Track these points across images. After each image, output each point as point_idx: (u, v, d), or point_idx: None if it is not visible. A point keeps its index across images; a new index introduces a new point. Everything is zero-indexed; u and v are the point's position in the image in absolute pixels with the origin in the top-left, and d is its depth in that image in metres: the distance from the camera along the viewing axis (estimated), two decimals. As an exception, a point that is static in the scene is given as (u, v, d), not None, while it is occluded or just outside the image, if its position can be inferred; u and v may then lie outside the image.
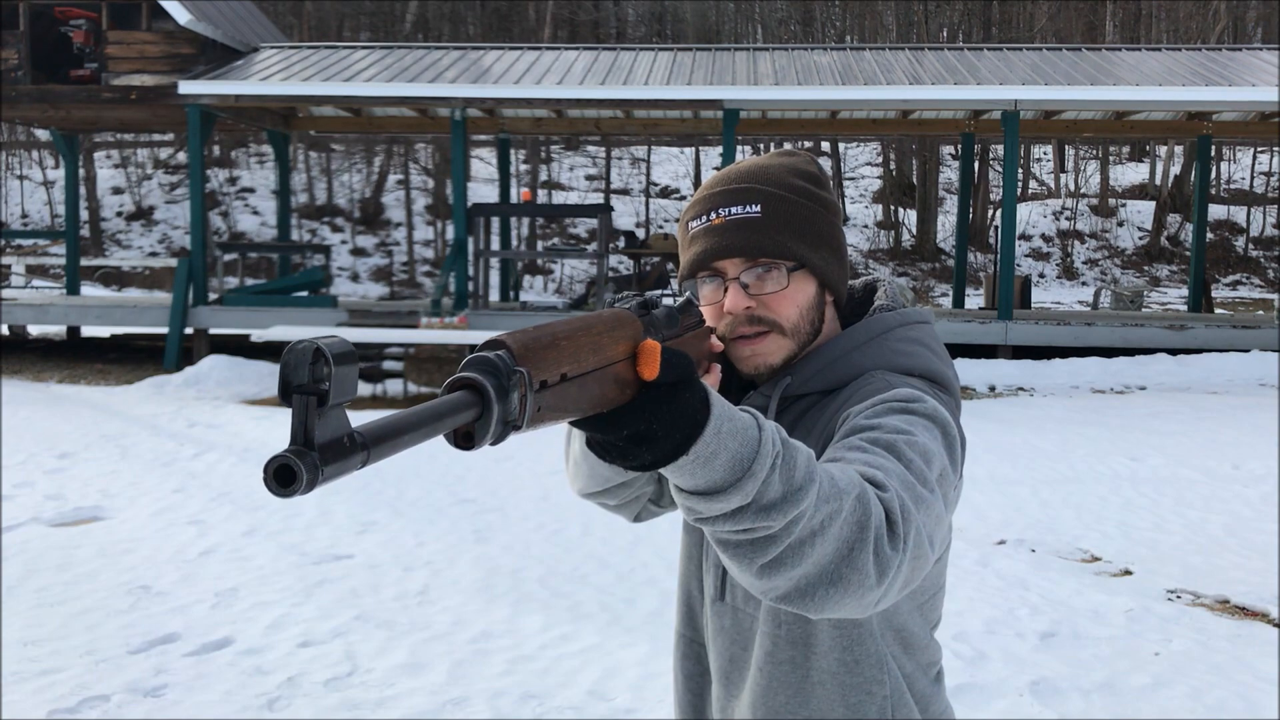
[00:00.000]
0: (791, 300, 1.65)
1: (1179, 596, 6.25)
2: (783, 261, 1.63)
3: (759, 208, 1.64)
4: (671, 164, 40.95)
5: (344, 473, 0.87)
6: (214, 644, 5.36)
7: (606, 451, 1.12)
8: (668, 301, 1.49)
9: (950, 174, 37.48)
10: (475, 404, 0.95)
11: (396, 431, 0.90)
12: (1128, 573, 6.70)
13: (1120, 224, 37.05)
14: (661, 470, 1.13)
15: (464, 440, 0.97)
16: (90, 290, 26.86)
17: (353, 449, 0.87)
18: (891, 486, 1.30)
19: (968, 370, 15.15)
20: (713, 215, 1.66)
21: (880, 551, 1.23)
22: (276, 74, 17.90)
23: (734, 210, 1.64)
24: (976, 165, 30.18)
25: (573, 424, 1.10)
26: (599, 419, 1.09)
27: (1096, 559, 6.98)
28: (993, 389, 14.82)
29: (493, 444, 0.98)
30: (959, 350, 16.27)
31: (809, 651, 1.66)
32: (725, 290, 1.65)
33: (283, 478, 0.84)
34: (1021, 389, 14.83)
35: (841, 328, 1.77)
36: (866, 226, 37.21)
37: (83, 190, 32.31)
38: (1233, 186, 38.93)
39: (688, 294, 1.65)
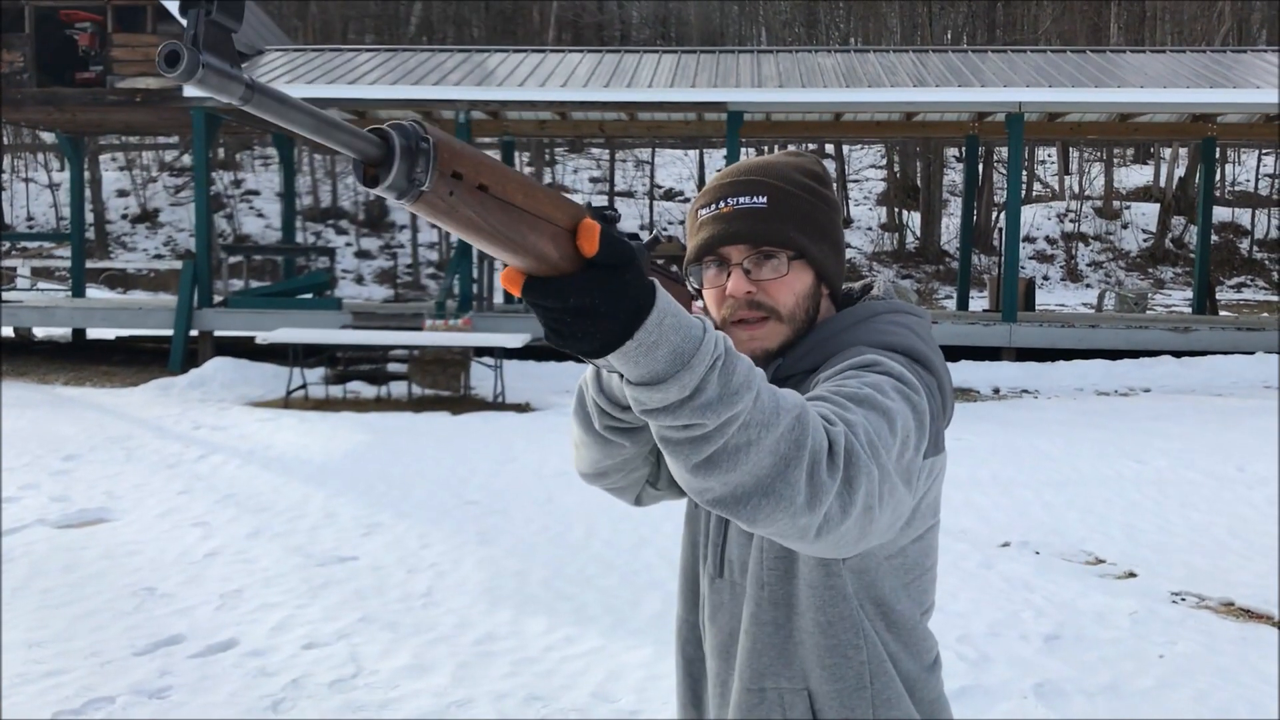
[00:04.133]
0: (789, 288, 1.72)
1: (1184, 599, 6.25)
2: (784, 250, 1.71)
3: (765, 199, 1.72)
4: (676, 166, 40.93)
5: (224, 87, 0.93)
6: (219, 646, 5.37)
7: (557, 331, 1.16)
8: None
9: (954, 176, 37.47)
10: (379, 145, 1.02)
11: (286, 99, 0.97)
12: (1132, 575, 6.70)
13: (1125, 226, 37.01)
14: (610, 359, 1.18)
15: (370, 181, 1.04)
16: (95, 292, 26.90)
17: (236, 77, 0.94)
18: (839, 423, 1.35)
19: (972, 372, 15.15)
20: (721, 204, 1.74)
21: (815, 474, 1.27)
22: (281, 77, 17.93)
23: (741, 200, 1.73)
24: (981, 167, 30.16)
25: (524, 292, 1.15)
26: (545, 283, 1.14)
27: (1101, 561, 6.98)
28: (997, 391, 14.81)
29: (398, 198, 1.04)
30: (963, 352, 16.27)
31: (790, 612, 1.71)
32: (728, 275, 1.72)
33: (170, 60, 0.91)
34: (1025, 391, 14.83)
35: None
36: (870, 229, 37.19)
37: (88, 193, 32.29)
38: (1237, 189, 38.88)
39: (655, 233, 1.70)
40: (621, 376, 1.23)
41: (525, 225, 1.12)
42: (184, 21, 0.93)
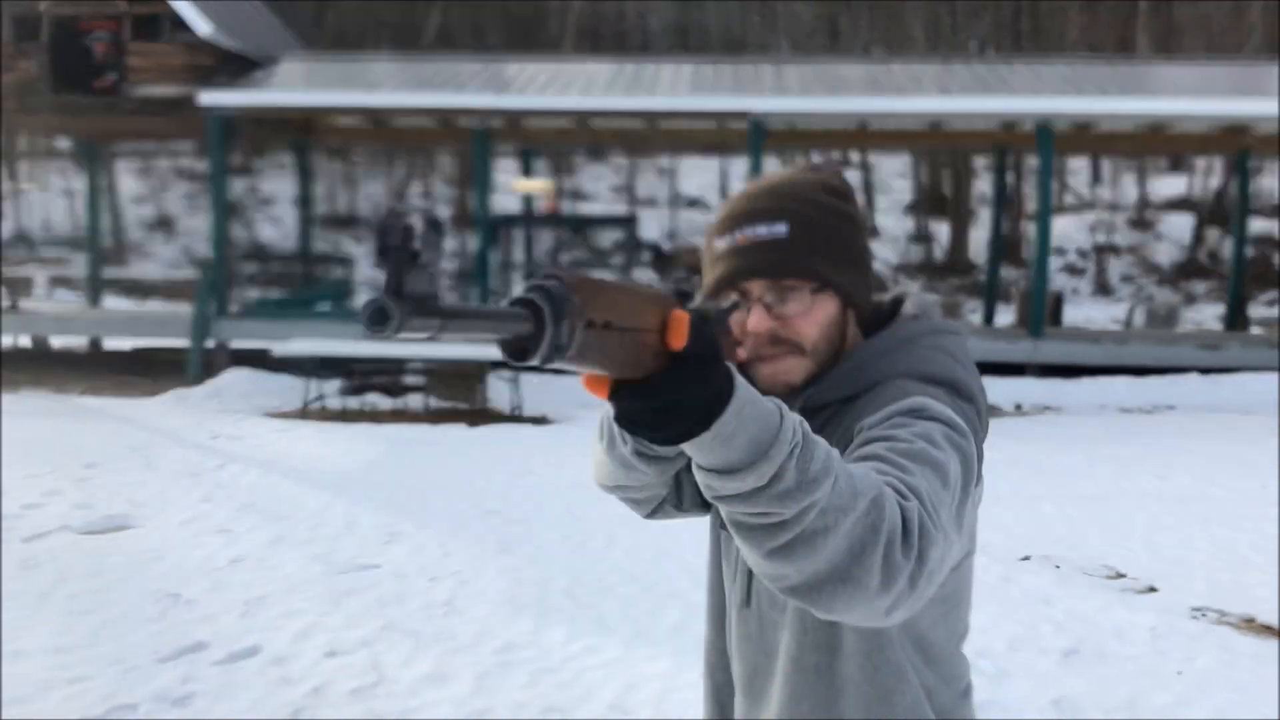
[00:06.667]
0: (814, 320, 1.66)
1: (1204, 615, 6.23)
2: (806, 283, 1.65)
3: (785, 227, 1.66)
4: (698, 174, 40.81)
5: (424, 330, 0.96)
6: (241, 653, 5.40)
7: (633, 422, 1.15)
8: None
9: (984, 185, 37.31)
10: (531, 320, 1.04)
11: (467, 314, 0.99)
12: (1152, 590, 6.68)
13: (1157, 238, 36.74)
14: (682, 445, 1.17)
15: (518, 354, 1.05)
16: (112, 302, 26.98)
17: (434, 312, 0.96)
18: (910, 495, 1.33)
19: (994, 388, 15.07)
20: (738, 235, 1.68)
21: (890, 556, 1.25)
22: (297, 84, 17.98)
23: (760, 230, 1.66)
24: (1010, 177, 30.00)
25: (611, 398, 1.15)
26: (630, 388, 1.14)
27: (1121, 576, 6.96)
28: (1019, 407, 14.76)
29: (541, 363, 1.05)
30: (986, 368, 16.09)
31: (834, 658, 1.66)
32: (749, 311, 1.66)
33: (377, 318, 0.93)
34: (1048, 407, 14.75)
35: (865, 338, 1.77)
36: (897, 239, 37.00)
37: (105, 200, 32.45)
38: (1275, 201, 38.53)
39: (735, 301, 1.67)
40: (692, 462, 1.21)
41: (634, 346, 1.13)
42: (381, 269, 0.94)
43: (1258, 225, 34.07)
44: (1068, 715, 4.78)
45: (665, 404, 1.13)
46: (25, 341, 20.22)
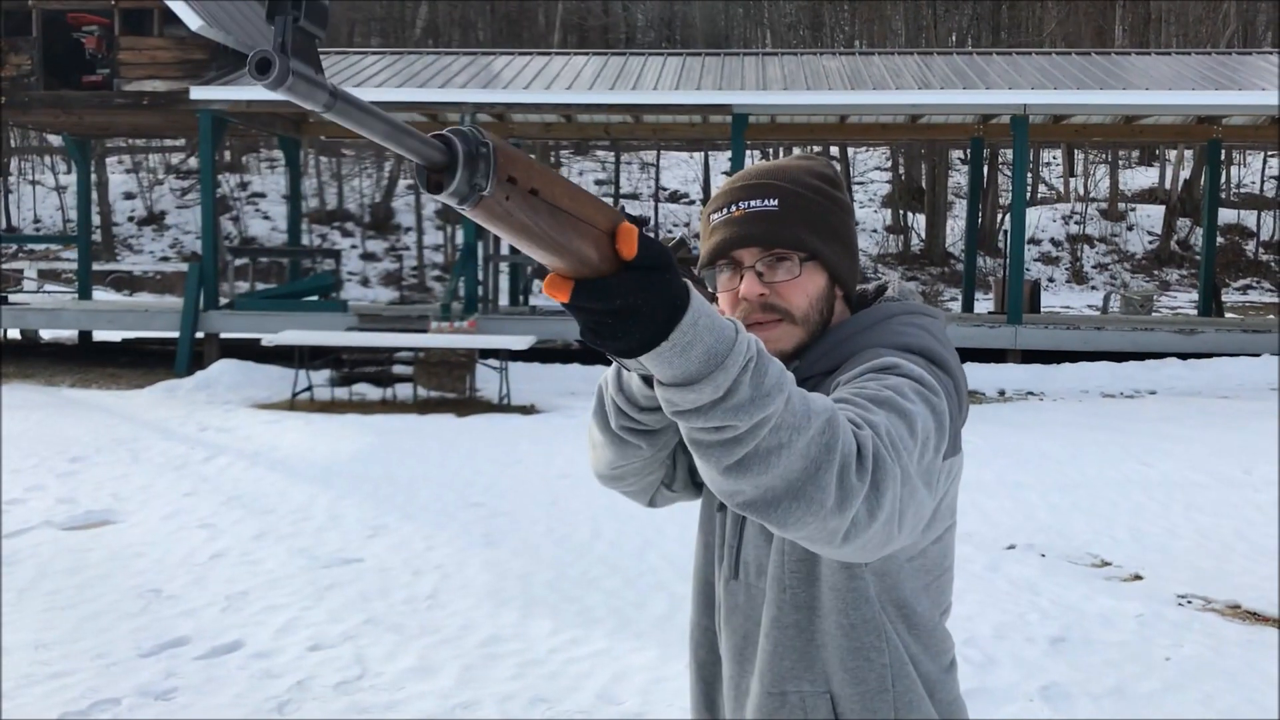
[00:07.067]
0: (802, 289, 1.72)
1: (1190, 601, 6.24)
2: (796, 252, 1.71)
3: (776, 202, 1.72)
4: (681, 169, 40.95)
5: (310, 94, 0.95)
6: (224, 647, 5.38)
7: (597, 331, 1.18)
8: None
9: (959, 178, 37.42)
10: (443, 151, 1.05)
11: (365, 107, 0.99)
12: (1138, 577, 6.69)
13: (1130, 228, 36.98)
14: (643, 359, 1.19)
15: (434, 187, 1.06)
16: (102, 295, 26.92)
17: (321, 84, 0.96)
18: (865, 426, 1.36)
19: (977, 374, 15.13)
20: (733, 208, 1.75)
21: (845, 478, 1.28)
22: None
23: (753, 204, 1.73)
24: (985, 169, 30.13)
25: (572, 296, 1.16)
26: (588, 287, 1.16)
27: (1107, 564, 6.97)
28: (1002, 393, 14.80)
29: (459, 202, 1.06)
30: (968, 354, 16.22)
31: (812, 615, 1.71)
32: (741, 278, 1.72)
33: (261, 67, 0.92)
34: (1031, 393, 14.81)
35: None
36: (875, 231, 37.19)
37: (95, 195, 32.37)
38: (1243, 191, 38.83)
39: (681, 237, 1.71)
40: (650, 383, 1.23)
41: (571, 229, 1.14)
42: (271, 27, 0.95)
43: (1227, 215, 34.28)
44: (1056, 702, 4.78)
45: (624, 306, 1.15)
46: (15, 334, 20.20)
